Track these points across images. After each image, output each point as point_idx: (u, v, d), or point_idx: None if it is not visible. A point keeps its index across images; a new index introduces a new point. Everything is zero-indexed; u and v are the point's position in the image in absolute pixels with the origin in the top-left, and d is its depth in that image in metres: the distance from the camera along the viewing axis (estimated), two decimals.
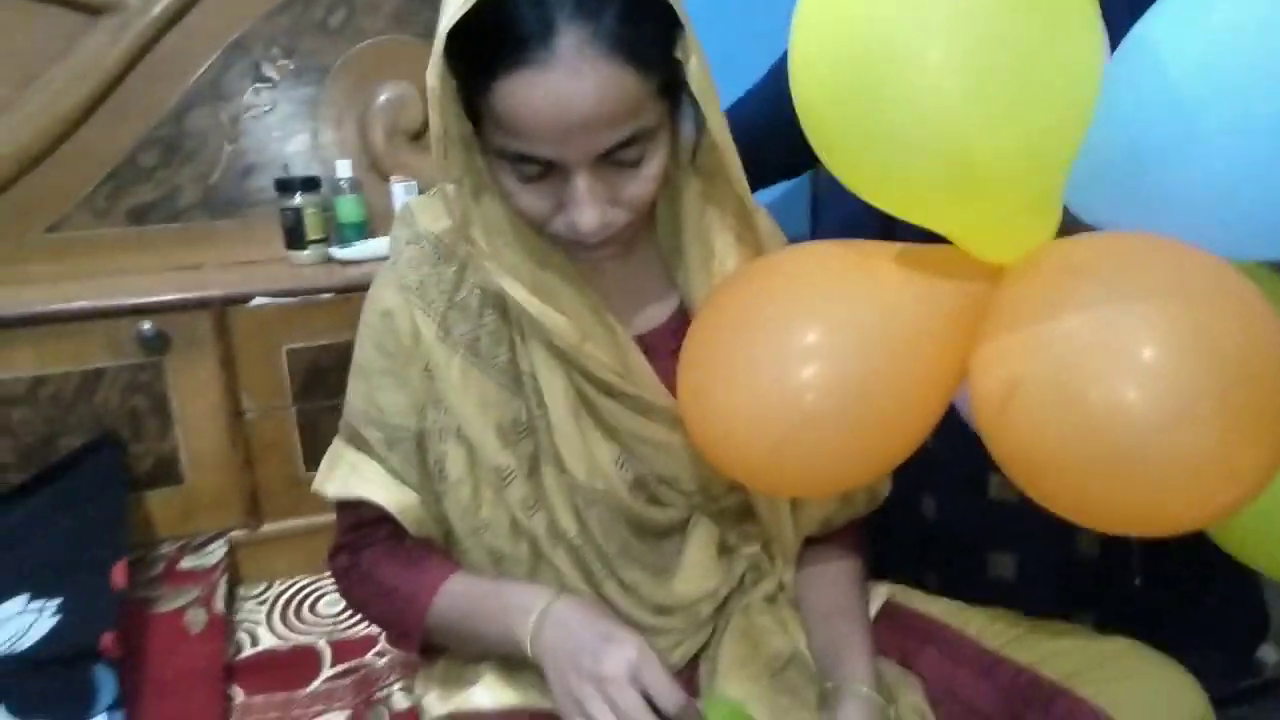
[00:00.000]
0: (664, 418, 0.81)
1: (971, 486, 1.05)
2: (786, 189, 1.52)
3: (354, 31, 1.63)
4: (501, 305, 0.80)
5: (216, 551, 1.38)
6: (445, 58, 0.68)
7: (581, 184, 0.68)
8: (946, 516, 1.11)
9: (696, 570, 0.87)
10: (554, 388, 0.79)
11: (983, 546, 1.10)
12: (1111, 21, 0.66)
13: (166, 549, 1.39)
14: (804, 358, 0.70)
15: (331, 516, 0.89)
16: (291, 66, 1.61)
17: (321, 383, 1.41)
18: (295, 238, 1.55)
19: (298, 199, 1.54)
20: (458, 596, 0.82)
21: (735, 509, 0.89)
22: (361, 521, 0.85)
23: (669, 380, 0.79)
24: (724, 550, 0.89)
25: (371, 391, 0.83)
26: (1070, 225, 0.73)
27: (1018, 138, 0.60)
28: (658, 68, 0.67)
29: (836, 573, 0.90)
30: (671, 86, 0.70)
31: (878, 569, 0.95)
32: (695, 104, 0.73)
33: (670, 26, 0.69)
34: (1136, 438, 0.57)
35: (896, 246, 0.76)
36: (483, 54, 0.65)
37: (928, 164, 0.62)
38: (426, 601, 0.81)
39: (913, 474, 0.80)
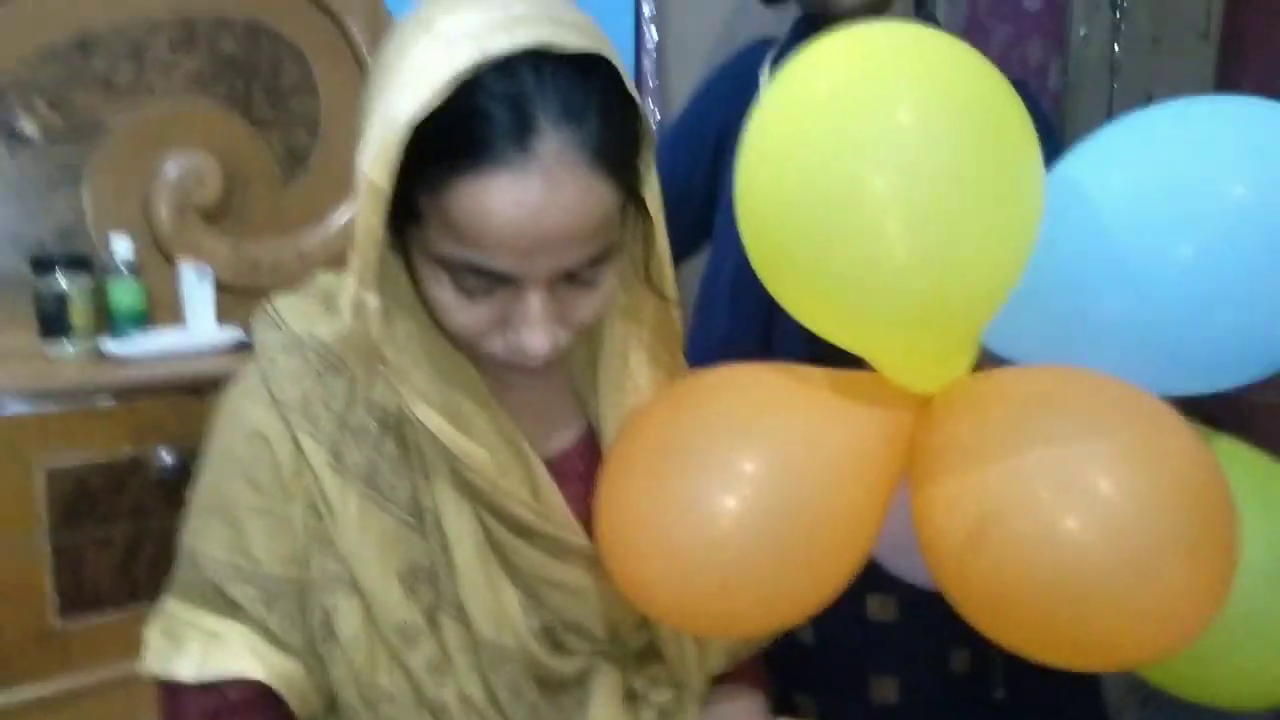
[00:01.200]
0: (579, 559, 0.72)
1: (850, 608, 1.07)
2: None
3: (142, 90, 1.40)
4: (400, 429, 0.68)
5: None
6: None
7: (536, 303, 0.60)
8: (825, 640, 1.12)
9: None
10: (461, 529, 0.68)
11: (864, 669, 1.11)
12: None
13: None
14: (731, 493, 0.65)
15: (94, 678, 0.68)
16: (59, 123, 1.35)
17: (89, 510, 1.14)
18: (55, 326, 1.27)
19: (60, 280, 1.27)
20: None
21: (640, 652, 0.80)
22: (225, 709, 0.66)
23: (579, 510, 0.72)
24: (630, 699, 0.79)
25: (241, 538, 0.66)
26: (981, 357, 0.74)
27: (964, 278, 0.61)
28: (626, 180, 0.61)
29: (746, 714, 0.85)
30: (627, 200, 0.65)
31: None
32: (646, 220, 0.68)
33: (638, 135, 0.63)
34: (1112, 575, 0.57)
35: (818, 372, 0.74)
36: (443, 149, 0.56)
37: (875, 301, 0.61)
38: None
39: None
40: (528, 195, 0.55)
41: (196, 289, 1.38)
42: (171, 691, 0.67)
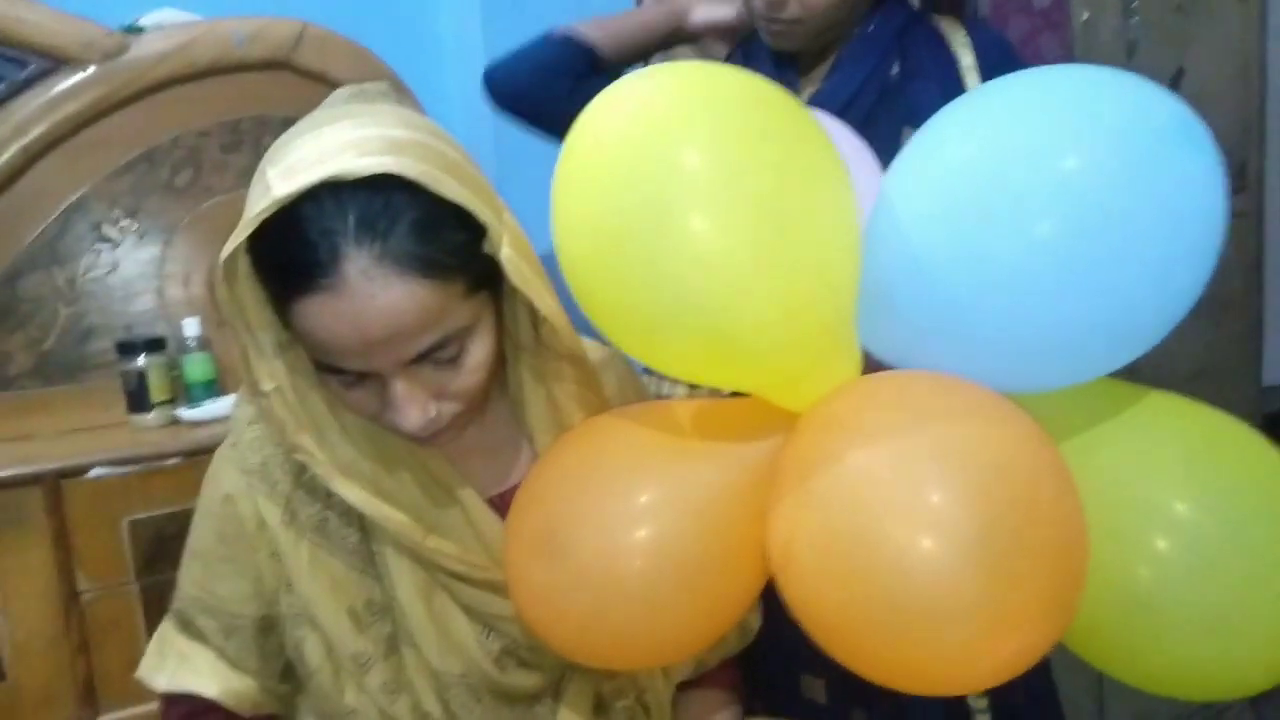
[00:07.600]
0: None
1: (780, 605, 1.08)
2: None
3: (201, 190, 1.61)
4: None
5: None
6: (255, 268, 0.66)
7: (399, 388, 0.66)
8: (761, 638, 1.11)
9: None
10: (400, 574, 0.77)
11: (795, 668, 1.11)
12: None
13: None
14: (627, 530, 0.67)
15: None
16: (135, 226, 1.57)
17: (167, 554, 1.32)
18: (138, 400, 1.49)
19: (141, 360, 1.48)
20: None
21: None
22: (194, 712, 0.80)
23: None
24: (599, 709, 0.86)
25: (209, 579, 0.79)
26: (873, 363, 0.72)
27: (783, 305, 0.61)
28: (461, 272, 0.65)
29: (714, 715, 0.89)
30: (490, 275, 0.68)
31: None
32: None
33: (475, 226, 0.66)
34: (902, 593, 0.55)
35: (697, 403, 0.76)
36: (275, 276, 0.64)
37: (692, 331, 0.61)
38: None
39: None
40: (344, 311, 0.61)
41: None
42: (163, 696, 0.82)
